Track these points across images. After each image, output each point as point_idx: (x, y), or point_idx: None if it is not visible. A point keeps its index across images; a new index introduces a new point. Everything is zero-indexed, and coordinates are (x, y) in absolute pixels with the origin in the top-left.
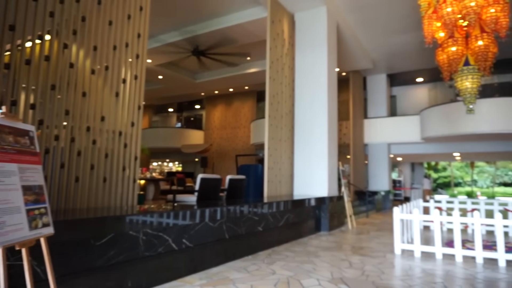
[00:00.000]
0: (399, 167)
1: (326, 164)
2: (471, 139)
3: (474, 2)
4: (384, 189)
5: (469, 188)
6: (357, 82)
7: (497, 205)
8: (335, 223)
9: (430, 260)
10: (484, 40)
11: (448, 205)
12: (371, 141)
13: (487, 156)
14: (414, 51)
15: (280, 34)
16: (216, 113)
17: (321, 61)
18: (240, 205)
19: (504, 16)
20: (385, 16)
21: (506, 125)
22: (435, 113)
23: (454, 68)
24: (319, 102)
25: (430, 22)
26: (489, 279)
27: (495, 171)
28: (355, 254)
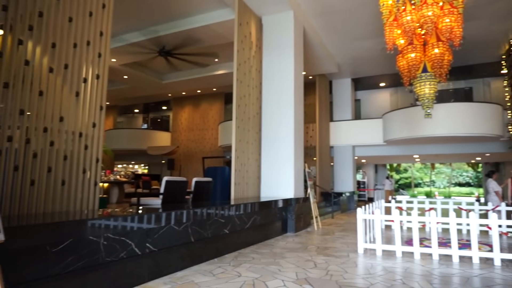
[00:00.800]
0: (363, 168)
1: (293, 166)
2: (429, 141)
3: (431, 11)
4: (349, 190)
5: (428, 189)
6: (323, 86)
7: (452, 204)
8: (301, 224)
9: (391, 258)
10: (440, 48)
11: (408, 205)
12: (336, 144)
13: (444, 158)
14: (377, 57)
15: (248, 36)
16: (184, 115)
17: (288, 64)
18: (206, 208)
19: (458, 26)
20: (349, 22)
21: (461, 129)
22: (396, 117)
23: (413, 74)
24: (285, 104)
25: (391, 30)
26: (444, 275)
27: (451, 172)
28: (320, 255)
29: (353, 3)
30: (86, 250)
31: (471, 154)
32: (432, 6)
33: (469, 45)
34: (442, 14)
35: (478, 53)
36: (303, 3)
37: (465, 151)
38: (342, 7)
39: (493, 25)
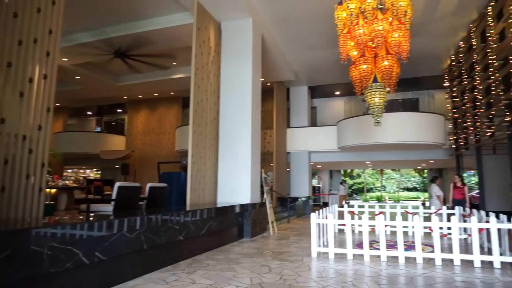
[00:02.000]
0: (318, 174)
1: (249, 172)
2: (380, 148)
3: (381, 26)
4: (304, 195)
5: (379, 193)
6: (280, 93)
7: (399, 208)
8: (257, 229)
9: (343, 261)
10: (389, 60)
11: (359, 210)
12: (293, 150)
13: (393, 164)
14: (332, 66)
15: (206, 41)
16: (140, 118)
17: (246, 71)
18: (160, 214)
19: (405, 41)
20: (306, 32)
21: (408, 137)
22: (349, 125)
23: (364, 84)
24: (243, 110)
25: (345, 41)
26: (391, 275)
27: (400, 178)
28: (274, 259)
29: (310, 13)
30: (27, 261)
31: (418, 161)
32: (382, 21)
33: (416, 59)
34: (391, 29)
35: (424, 66)
36: (261, 11)
37: (412, 158)
38: (299, 16)
39: (437, 42)
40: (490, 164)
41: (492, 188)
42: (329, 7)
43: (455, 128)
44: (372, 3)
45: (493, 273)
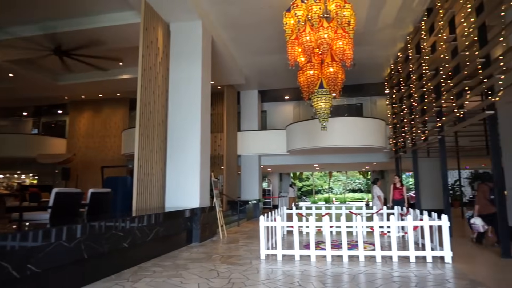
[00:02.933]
0: (269, 177)
1: (199, 175)
2: (327, 152)
3: (326, 34)
4: (255, 198)
5: (327, 195)
6: (231, 96)
7: (344, 209)
8: (207, 234)
9: (290, 262)
10: (334, 67)
11: (307, 211)
12: (243, 153)
13: (340, 167)
14: (282, 71)
15: (154, 42)
16: (83, 120)
17: (195, 73)
18: (102, 221)
19: (349, 49)
20: (256, 36)
21: (353, 141)
22: (298, 128)
23: (311, 89)
24: (192, 113)
25: (293, 47)
26: (335, 274)
27: (346, 180)
28: (223, 264)
29: (259, 19)
30: None
31: (362, 163)
32: (328, 30)
33: (359, 67)
34: (336, 37)
35: (367, 74)
36: (212, 14)
37: (357, 161)
38: (249, 21)
39: (378, 51)
40: (425, 166)
41: (427, 188)
42: (278, 13)
43: (394, 132)
44: (318, 12)
45: (426, 267)
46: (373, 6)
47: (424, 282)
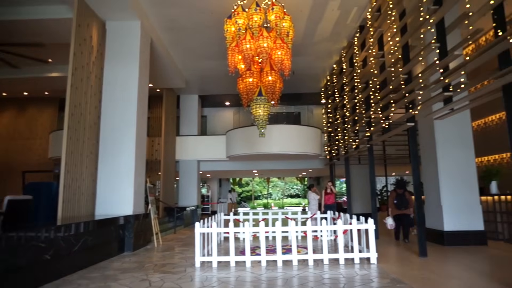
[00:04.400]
0: (208, 183)
1: (133, 181)
2: (266, 158)
3: (266, 43)
4: (193, 204)
5: (266, 201)
6: (170, 100)
7: (281, 215)
8: (140, 242)
9: (226, 269)
10: (273, 76)
11: (245, 217)
12: (182, 158)
13: (278, 173)
14: (222, 77)
15: (88, 40)
16: (3, 120)
17: (132, 75)
18: (19, 231)
19: (287, 59)
20: (197, 41)
21: (291, 148)
22: (238, 135)
23: (250, 97)
24: (128, 116)
25: (233, 54)
26: (270, 279)
27: (285, 185)
28: (156, 273)
29: (201, 23)
30: None
31: (299, 170)
32: (267, 39)
33: (298, 76)
34: (275, 47)
35: (305, 84)
36: (151, 15)
37: (294, 167)
38: (191, 25)
39: (315, 62)
40: (356, 172)
41: (358, 194)
42: (220, 19)
43: (329, 140)
44: (258, 21)
45: (353, 268)
46: (311, 20)
47: (352, 282)
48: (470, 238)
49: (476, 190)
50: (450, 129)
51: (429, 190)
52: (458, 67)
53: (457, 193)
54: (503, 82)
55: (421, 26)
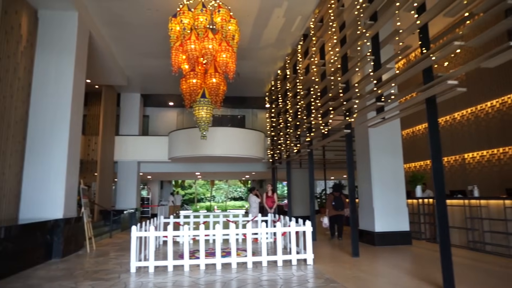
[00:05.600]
0: (148, 184)
1: (64, 182)
2: (209, 160)
3: (211, 45)
4: (131, 207)
5: (209, 203)
6: (110, 97)
7: (222, 217)
8: (71, 247)
9: (163, 273)
10: (217, 78)
11: (185, 220)
12: (121, 159)
13: (222, 175)
14: (166, 77)
15: (16, 28)
16: None
17: (67, 69)
18: None
19: (232, 62)
20: (141, 38)
21: (235, 150)
22: (181, 136)
23: (193, 98)
24: (61, 112)
25: (177, 54)
26: (208, 282)
27: (228, 188)
28: (87, 280)
29: (145, 20)
30: None
31: (242, 172)
32: (213, 41)
33: (243, 80)
34: (220, 50)
35: (250, 88)
36: (91, 7)
37: (238, 170)
38: (134, 21)
39: (261, 67)
40: (297, 176)
41: (298, 196)
42: (165, 17)
43: (272, 144)
44: (204, 22)
45: (291, 269)
46: (257, 25)
47: (288, 283)
48: (397, 238)
49: (403, 194)
50: (382, 137)
51: (363, 193)
52: (389, 79)
53: (387, 196)
54: (426, 96)
55: (358, 39)
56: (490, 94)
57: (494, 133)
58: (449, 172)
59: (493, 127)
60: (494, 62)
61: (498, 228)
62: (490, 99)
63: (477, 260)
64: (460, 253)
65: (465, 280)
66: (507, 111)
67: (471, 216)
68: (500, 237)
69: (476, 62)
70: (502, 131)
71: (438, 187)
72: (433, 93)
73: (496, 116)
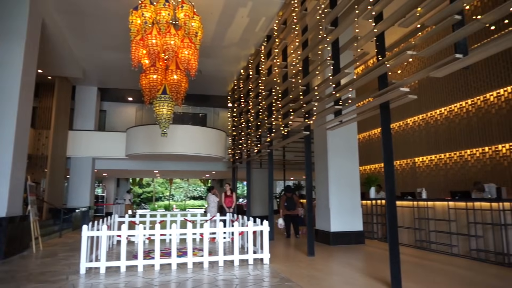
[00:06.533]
0: (104, 182)
1: (9, 178)
2: (169, 158)
3: (173, 41)
4: (85, 205)
5: (167, 202)
6: (64, 90)
7: (180, 217)
8: (15, 248)
9: (115, 274)
10: (178, 75)
11: (141, 219)
12: (75, 154)
13: (181, 174)
14: (126, 71)
15: None
16: None
17: (15, 57)
18: None
19: (194, 59)
20: (100, 29)
21: (195, 149)
22: (140, 133)
23: (153, 94)
24: (7, 103)
25: (138, 48)
26: (163, 283)
27: (188, 187)
28: (31, 283)
29: (104, 11)
30: None
31: (203, 171)
32: (175, 37)
33: (206, 78)
34: (182, 46)
35: (213, 86)
36: None
37: (198, 169)
38: (92, 11)
39: (224, 66)
40: (257, 176)
41: (258, 196)
42: (125, 9)
43: (233, 144)
44: (166, 17)
45: (247, 269)
46: (221, 23)
47: (244, 283)
48: (351, 237)
49: (358, 195)
50: (339, 139)
51: (320, 194)
52: (347, 83)
53: (342, 197)
54: (381, 101)
55: (319, 43)
56: (439, 102)
57: (442, 139)
58: (401, 175)
59: (441, 133)
60: (442, 72)
61: (442, 228)
62: (439, 107)
63: (423, 258)
64: (408, 251)
65: (411, 276)
66: (454, 119)
67: (419, 216)
68: (443, 236)
69: (426, 72)
70: (449, 138)
71: (389, 188)
72: (387, 99)
73: (444, 123)
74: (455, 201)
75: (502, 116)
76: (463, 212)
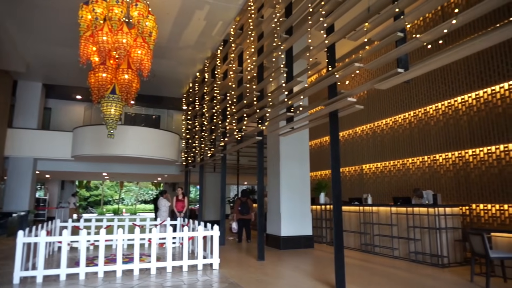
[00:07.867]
0: (47, 184)
1: None
2: (118, 160)
3: (125, 39)
4: (23, 209)
5: (117, 206)
6: (3, 84)
7: (128, 221)
8: None
9: (54, 283)
10: (129, 75)
11: (86, 224)
12: (14, 154)
13: (132, 177)
14: (75, 68)
15: None
16: None
17: None
18: None
19: (147, 60)
20: (46, 22)
21: (147, 151)
22: (87, 133)
23: (102, 93)
24: None
25: (87, 44)
26: None
27: (139, 190)
28: None
29: (52, 3)
30: None
31: (155, 175)
32: (127, 35)
33: (160, 79)
34: (135, 45)
35: (167, 87)
36: None
37: (149, 172)
38: (38, 2)
39: (179, 68)
40: (211, 180)
41: (211, 201)
42: (75, 3)
43: (187, 147)
44: (119, 14)
45: (196, 274)
46: (177, 25)
47: None
48: (301, 242)
49: (308, 200)
50: (292, 145)
51: (272, 199)
52: (299, 91)
53: (293, 202)
54: (330, 110)
55: (274, 50)
56: (385, 113)
57: (387, 147)
58: (350, 181)
59: (387, 142)
60: (385, 85)
61: (385, 232)
62: (385, 117)
63: (367, 260)
64: (354, 254)
65: (355, 279)
66: (398, 129)
67: (365, 221)
68: (386, 240)
69: (371, 83)
70: (393, 146)
71: (335, 194)
72: (336, 108)
73: (389, 132)
74: (397, 207)
75: (439, 128)
76: (404, 217)
